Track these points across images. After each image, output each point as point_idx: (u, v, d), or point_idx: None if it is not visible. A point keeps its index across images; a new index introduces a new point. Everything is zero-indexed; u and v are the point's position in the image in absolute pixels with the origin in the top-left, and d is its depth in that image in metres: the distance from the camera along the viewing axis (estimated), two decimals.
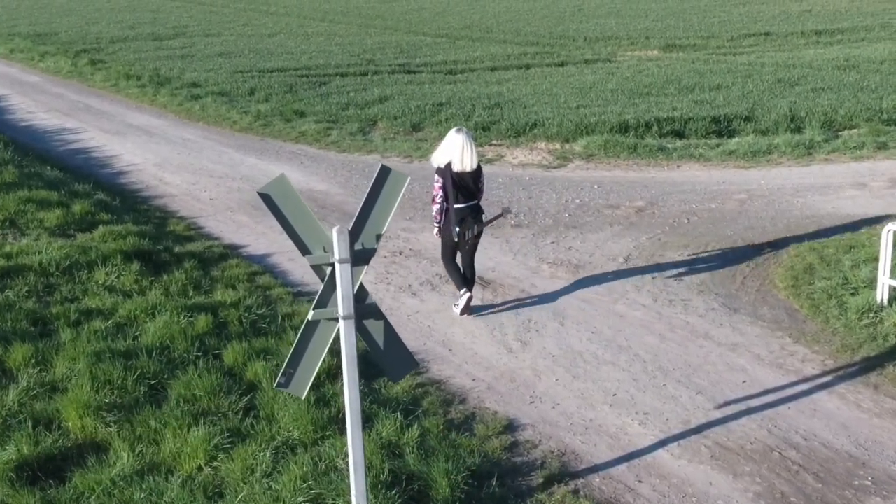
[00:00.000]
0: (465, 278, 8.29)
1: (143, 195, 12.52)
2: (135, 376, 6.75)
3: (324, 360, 7.03)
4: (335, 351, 7.36)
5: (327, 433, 6.12)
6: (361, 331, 5.01)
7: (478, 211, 8.22)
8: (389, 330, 5.09)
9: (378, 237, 4.96)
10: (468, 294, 8.21)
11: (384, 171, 4.93)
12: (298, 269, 9.59)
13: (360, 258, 4.89)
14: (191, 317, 7.79)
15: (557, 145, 14.85)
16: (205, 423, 6.17)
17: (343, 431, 6.13)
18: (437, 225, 8.20)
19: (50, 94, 21.68)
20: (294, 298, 8.66)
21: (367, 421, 6.31)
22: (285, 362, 4.98)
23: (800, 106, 16.81)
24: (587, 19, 35.94)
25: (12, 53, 29.98)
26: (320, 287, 4.87)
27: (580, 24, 33.94)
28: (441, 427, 6.25)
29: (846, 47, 26.72)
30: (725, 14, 36.65)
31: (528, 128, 15.79)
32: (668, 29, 31.81)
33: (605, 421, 6.44)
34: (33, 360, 6.98)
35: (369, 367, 7.17)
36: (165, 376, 6.83)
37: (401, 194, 4.98)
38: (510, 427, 6.38)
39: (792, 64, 22.81)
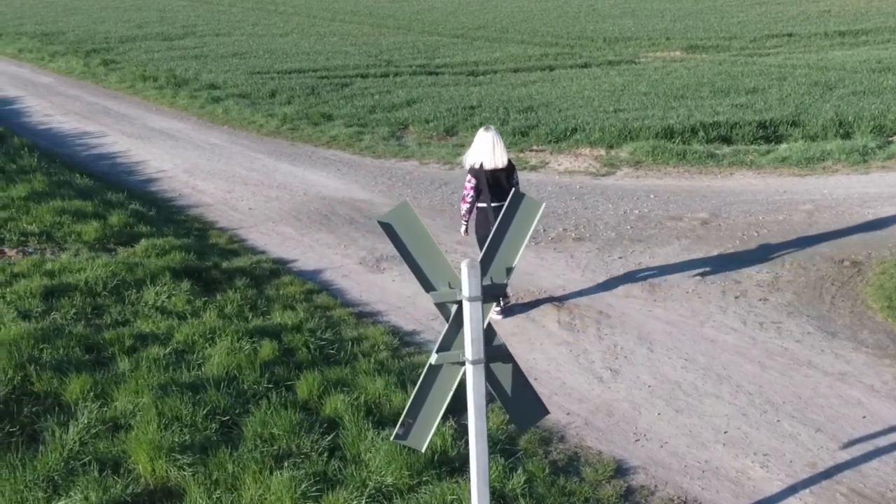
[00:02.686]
0: None
1: (177, 204, 11.96)
2: (204, 412, 6.19)
3: (409, 394, 6.55)
4: (414, 381, 6.85)
5: (424, 478, 5.57)
6: (487, 375, 4.47)
7: None
8: (518, 374, 4.55)
9: (509, 271, 4.42)
10: (506, 299, 8.29)
11: (517, 198, 4.40)
12: (355, 286, 9.05)
13: (489, 294, 4.35)
14: (254, 342, 7.23)
15: (602, 151, 14.31)
16: (287, 467, 5.62)
17: (442, 477, 5.61)
18: (465, 224, 8.31)
19: (65, 95, 21.09)
20: (358, 320, 8.12)
21: (465, 462, 5.77)
22: (404, 412, 4.44)
23: (845, 110, 16.28)
24: (603, 19, 35.40)
25: (21, 53, 29.37)
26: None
27: (597, 25, 33.40)
28: (547, 471, 5.71)
29: (873, 49, 26.20)
30: (744, 14, 36.13)
31: (568, 133, 15.25)
32: (688, 30, 31.29)
33: (722, 463, 5.90)
34: (91, 394, 6.41)
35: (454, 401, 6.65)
36: (237, 411, 6.27)
37: (535, 223, 4.45)
38: (620, 470, 5.84)
39: (823, 66, 22.28)
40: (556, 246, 9.99)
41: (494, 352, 4.43)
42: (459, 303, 4.33)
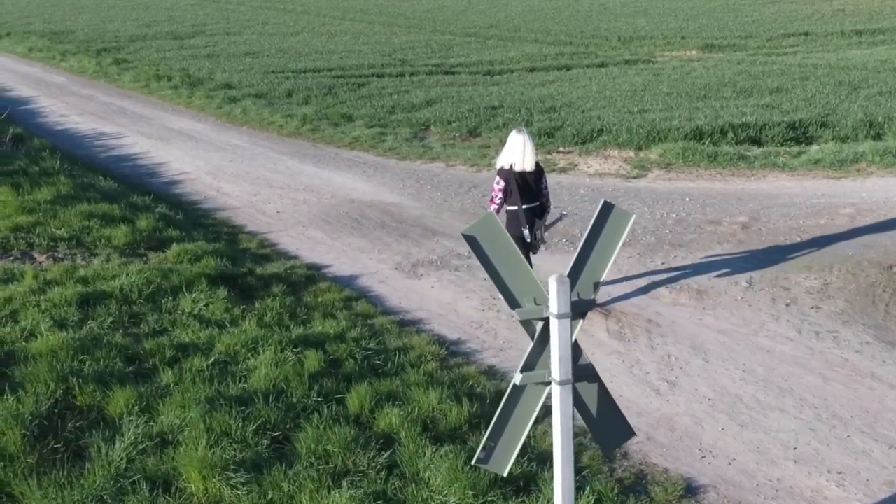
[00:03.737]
0: None
1: (203, 208, 11.74)
2: (253, 427, 5.97)
3: (464, 408, 6.34)
4: (472, 396, 6.64)
5: (489, 498, 5.34)
6: (573, 395, 4.25)
7: (542, 213, 8.23)
8: (604, 394, 4.32)
9: (596, 286, 4.19)
10: None
11: (606, 208, 4.18)
12: (393, 293, 8.83)
13: (576, 311, 4.13)
14: (298, 353, 7.01)
15: (631, 153, 14.08)
16: (346, 486, 5.40)
17: (507, 497, 5.39)
18: None
19: (79, 95, 20.86)
20: (401, 329, 7.88)
21: (529, 482, 5.55)
22: (485, 434, 4.22)
23: (874, 111, 16.04)
24: (616, 18, 35.16)
25: (31, 52, 29.15)
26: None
27: (610, 24, 33.17)
28: (615, 490, 5.48)
29: (891, 48, 25.97)
30: (757, 13, 35.90)
31: (594, 134, 15.01)
32: (703, 29, 31.05)
33: (796, 482, 5.67)
34: (136, 408, 6.19)
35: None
36: (288, 426, 6.05)
37: (624, 235, 4.22)
38: (690, 489, 5.62)
39: (844, 66, 22.03)
40: None
41: (581, 371, 4.21)
42: (545, 320, 4.11)
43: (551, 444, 5.94)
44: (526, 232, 8.02)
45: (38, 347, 6.85)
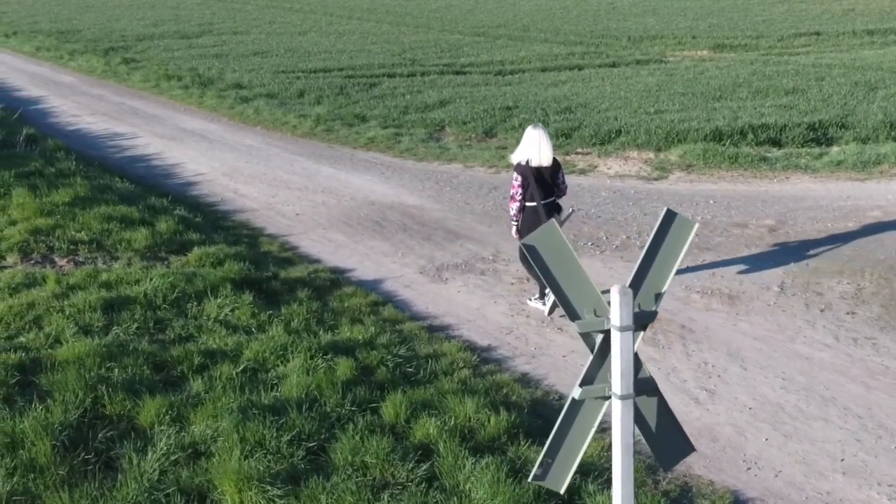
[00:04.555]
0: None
1: (221, 210, 11.60)
2: (288, 437, 5.83)
3: (501, 417, 6.19)
4: (508, 404, 6.50)
5: None
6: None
7: (558, 208, 8.29)
8: (664, 408, 4.18)
9: (658, 297, 4.04)
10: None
11: (669, 216, 4.03)
12: (420, 298, 8.69)
13: (638, 323, 3.98)
14: (328, 360, 6.87)
15: (651, 154, 13.93)
16: (386, 499, 5.27)
17: None
18: (516, 224, 8.17)
19: (89, 95, 20.73)
20: (430, 335, 7.74)
21: (573, 494, 5.41)
22: (543, 451, 4.08)
23: (893, 112, 15.85)
24: (624, 18, 35.00)
25: (38, 52, 29.02)
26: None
27: (619, 23, 33.00)
28: None
29: None
30: (767, 13, 35.73)
31: (612, 135, 14.87)
32: (713, 28, 30.88)
33: (846, 494, 5.53)
34: (167, 417, 6.05)
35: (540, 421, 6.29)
36: (323, 436, 5.91)
37: (687, 244, 4.08)
38: (738, 503, 5.47)
39: (859, 66, 21.86)
40: (623, 255, 9.62)
41: (641, 385, 4.06)
42: (606, 332, 3.97)
43: (593, 456, 5.83)
44: None
45: (64, 354, 6.72)
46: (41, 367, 6.60)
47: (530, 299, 8.45)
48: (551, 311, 8.11)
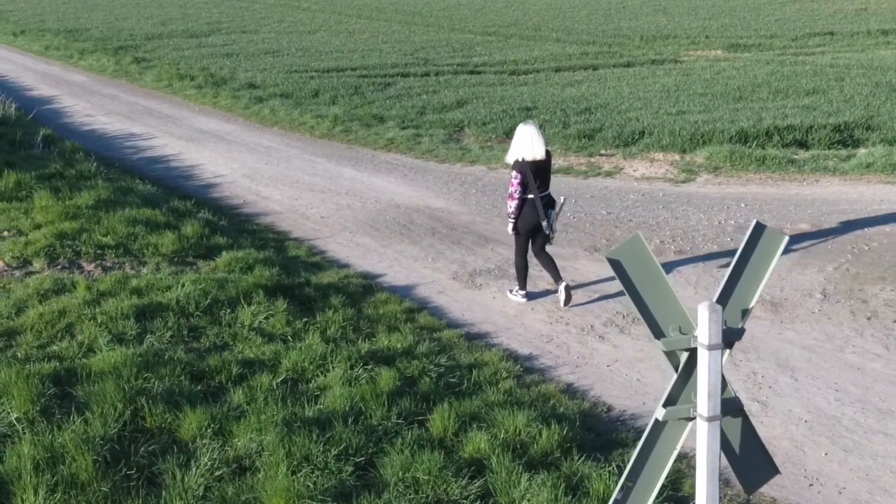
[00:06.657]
0: (556, 271, 8.43)
1: (245, 213, 11.42)
2: (336, 452, 5.65)
3: (553, 430, 6.01)
4: (557, 417, 6.31)
5: None
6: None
7: (552, 201, 8.46)
8: (749, 429, 4.01)
9: (745, 313, 3.86)
10: (564, 283, 8.34)
11: (758, 229, 3.84)
12: (455, 304, 8.51)
13: (725, 341, 3.80)
14: (368, 370, 6.69)
15: (676, 156, 13.75)
16: None
17: None
18: (513, 221, 8.36)
19: (102, 95, 20.56)
20: (469, 343, 7.56)
21: None
22: (624, 474, 3.89)
23: None
24: (635, 17, 34.80)
25: (48, 51, 28.86)
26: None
27: (631, 22, 32.81)
28: None
29: None
30: (779, 12, 35.53)
31: (636, 136, 14.69)
32: (726, 28, 30.69)
33: None
34: (209, 431, 5.87)
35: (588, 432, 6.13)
36: (371, 451, 5.73)
37: (776, 258, 3.89)
38: None
39: (878, 66, 21.66)
40: (659, 260, 9.41)
41: (726, 405, 3.88)
42: (692, 350, 3.79)
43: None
44: (544, 223, 8.28)
45: (99, 364, 6.53)
46: (76, 378, 6.42)
47: (511, 291, 8.62)
48: (566, 302, 8.32)
